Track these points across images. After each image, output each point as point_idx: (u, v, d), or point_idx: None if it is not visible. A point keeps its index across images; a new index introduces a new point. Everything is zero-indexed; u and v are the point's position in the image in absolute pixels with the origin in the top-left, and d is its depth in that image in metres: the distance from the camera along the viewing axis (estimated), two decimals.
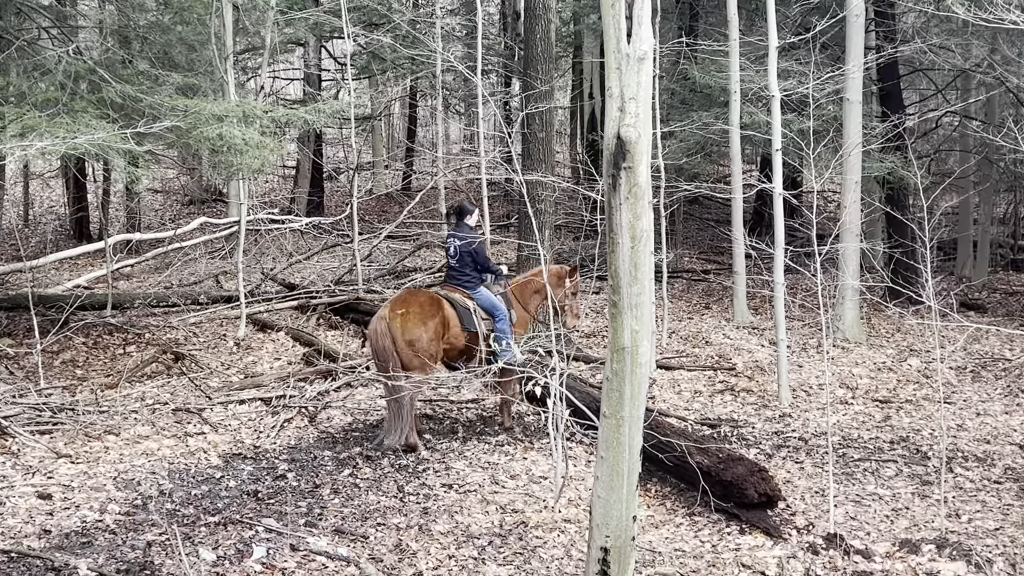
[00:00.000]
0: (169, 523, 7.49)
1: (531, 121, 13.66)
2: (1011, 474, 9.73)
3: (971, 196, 21.32)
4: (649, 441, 8.33)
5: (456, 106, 28.60)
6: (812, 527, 8.29)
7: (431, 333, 9.69)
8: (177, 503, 8.05)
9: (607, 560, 5.81)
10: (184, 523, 7.60)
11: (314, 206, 24.29)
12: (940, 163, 22.45)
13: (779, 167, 11.97)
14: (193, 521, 7.66)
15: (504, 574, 7.08)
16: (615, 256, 5.58)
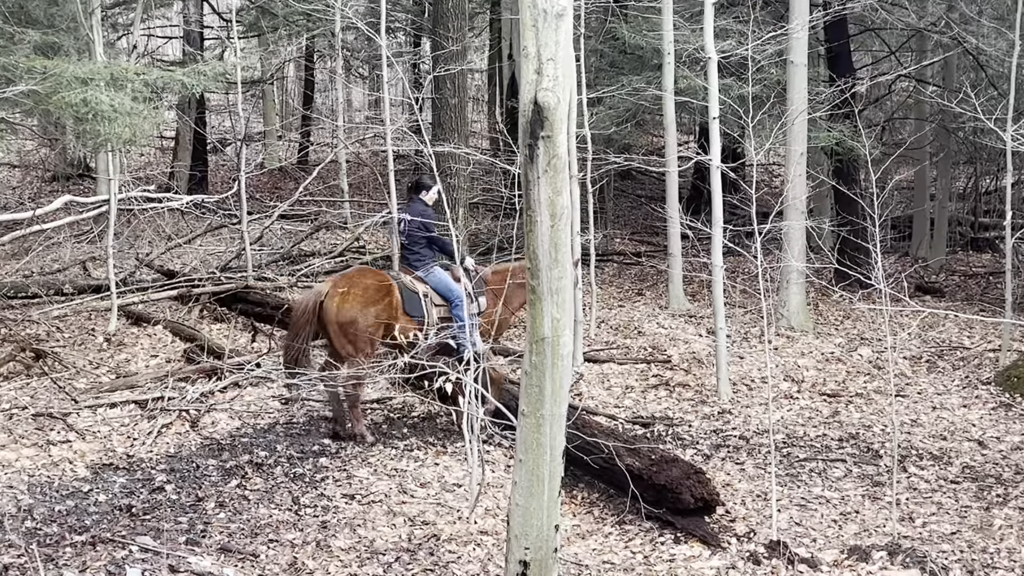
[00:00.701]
0: (28, 543, 7.35)
1: (442, 85, 13.66)
2: (969, 473, 10.02)
3: (927, 169, 21.81)
4: (574, 442, 8.41)
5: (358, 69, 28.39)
6: (753, 534, 8.45)
7: (370, 319, 9.76)
8: (38, 520, 7.91)
9: (526, 575, 5.86)
10: (46, 543, 7.47)
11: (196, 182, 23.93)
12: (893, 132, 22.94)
13: (716, 137, 12.13)
14: (57, 541, 7.54)
15: None
16: (533, 236, 5.62)
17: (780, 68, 15.50)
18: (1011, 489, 9.55)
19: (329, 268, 17.18)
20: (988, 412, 11.82)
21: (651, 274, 19.19)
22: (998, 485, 9.70)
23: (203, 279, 15.15)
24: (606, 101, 16.83)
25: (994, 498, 9.41)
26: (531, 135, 5.47)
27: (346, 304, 9.80)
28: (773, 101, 14.52)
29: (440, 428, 10.48)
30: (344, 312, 9.78)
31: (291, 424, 10.46)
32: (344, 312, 9.78)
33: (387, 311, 9.89)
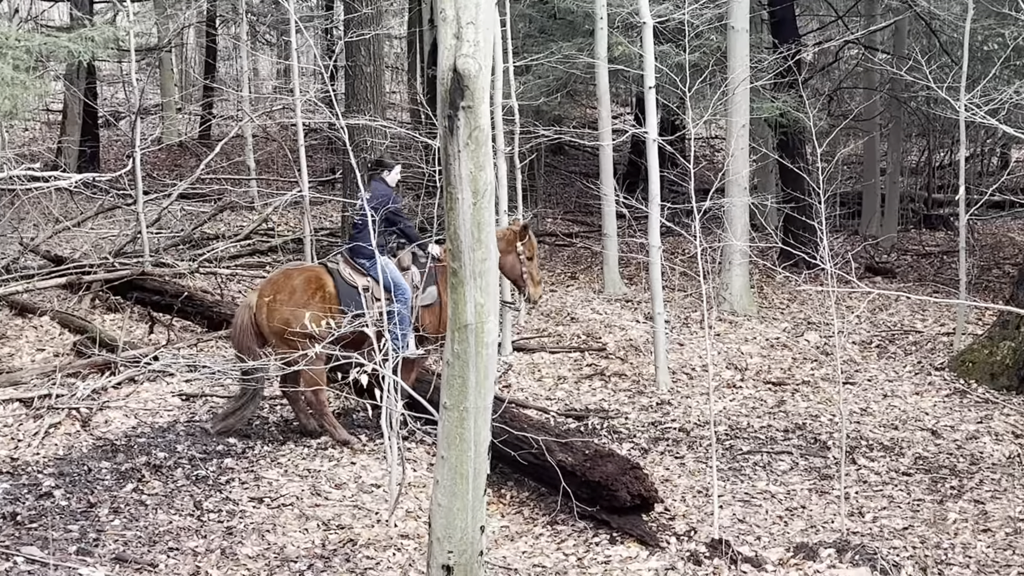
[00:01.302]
0: None
1: (355, 52, 13.59)
2: (922, 464, 10.21)
3: (877, 142, 22.13)
4: (502, 437, 8.44)
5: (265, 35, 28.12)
6: (694, 533, 8.54)
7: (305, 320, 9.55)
8: None
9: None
10: None
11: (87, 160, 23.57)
12: (841, 103, 23.23)
13: (653, 108, 12.20)
14: None
15: None
16: (454, 215, 5.62)
17: (720, 34, 15.63)
18: (966, 481, 9.74)
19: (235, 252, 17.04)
20: (942, 399, 12.04)
21: (585, 256, 19.28)
22: (952, 477, 9.89)
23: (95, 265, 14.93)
24: (535, 70, 16.85)
25: (948, 491, 9.60)
26: (451, 105, 5.46)
27: (275, 311, 9.82)
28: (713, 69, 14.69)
29: (357, 424, 10.45)
30: (276, 319, 9.80)
31: (193, 422, 10.36)
32: (276, 319, 9.80)
33: (321, 306, 9.84)
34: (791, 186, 17.36)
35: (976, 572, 7.88)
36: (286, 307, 9.80)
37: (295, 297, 9.88)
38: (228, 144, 21.39)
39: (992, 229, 22.96)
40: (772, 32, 18.77)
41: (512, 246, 10.60)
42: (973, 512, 9.08)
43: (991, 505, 9.22)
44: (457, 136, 5.47)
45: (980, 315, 15.19)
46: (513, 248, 10.59)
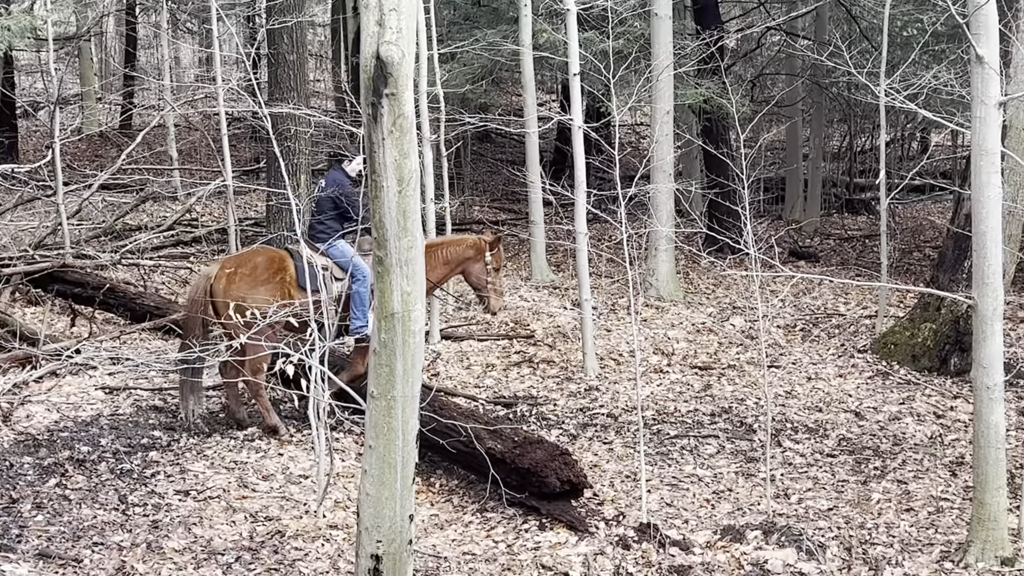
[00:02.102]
0: None
1: (278, 40, 13.47)
2: (846, 446, 10.36)
3: (800, 127, 22.36)
4: (430, 425, 8.43)
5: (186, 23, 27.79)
6: (623, 517, 8.59)
7: (265, 296, 9.69)
8: None
9: (379, 570, 5.87)
10: None
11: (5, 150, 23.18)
12: (764, 89, 23.45)
13: (578, 95, 12.23)
14: None
15: None
16: (379, 203, 5.59)
17: (644, 21, 15.70)
18: (889, 461, 9.90)
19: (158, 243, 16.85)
20: (865, 381, 12.22)
21: (512, 244, 19.30)
22: (876, 457, 10.05)
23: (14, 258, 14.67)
24: (460, 57, 16.82)
25: (871, 471, 9.75)
26: (374, 92, 5.43)
27: (233, 285, 9.76)
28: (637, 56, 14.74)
29: (284, 415, 10.38)
30: (232, 292, 9.72)
31: (116, 416, 10.23)
32: (232, 292, 9.72)
33: (280, 288, 9.87)
34: (715, 172, 17.48)
35: (899, 551, 8.00)
36: (245, 282, 9.79)
37: (256, 273, 9.88)
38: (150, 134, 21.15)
39: (913, 213, 23.32)
40: (695, 19, 18.89)
41: (481, 255, 10.64)
42: (896, 492, 9.23)
43: (913, 485, 9.37)
44: (381, 124, 5.44)
45: (902, 298, 15.43)
46: (482, 257, 10.63)
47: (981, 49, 7.21)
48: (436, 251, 10.54)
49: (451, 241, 10.90)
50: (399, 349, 5.72)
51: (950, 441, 10.45)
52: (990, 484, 7.66)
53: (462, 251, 10.59)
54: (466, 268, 10.64)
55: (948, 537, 8.24)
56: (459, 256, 10.55)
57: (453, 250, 10.59)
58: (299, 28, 13.69)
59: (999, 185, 7.47)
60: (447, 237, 11.24)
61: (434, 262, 10.43)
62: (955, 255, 12.41)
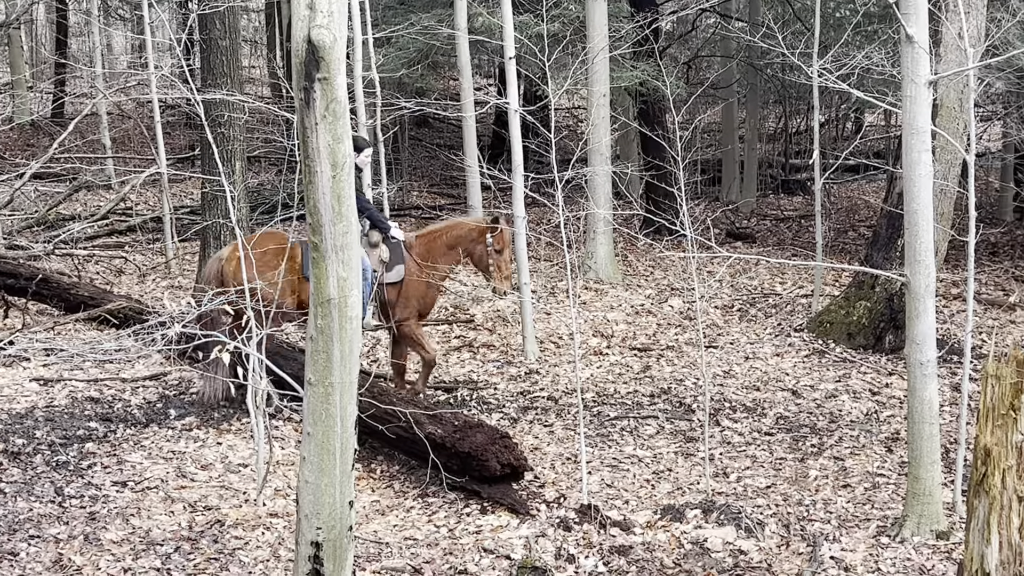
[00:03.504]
0: None
1: (210, 25, 13.29)
2: (783, 424, 10.46)
3: (735, 109, 22.50)
4: (370, 411, 8.40)
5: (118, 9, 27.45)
6: (564, 499, 8.62)
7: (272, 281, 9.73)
8: None
9: (319, 557, 5.83)
10: None
11: None
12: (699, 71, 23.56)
13: (514, 79, 12.22)
14: None
15: None
16: (313, 188, 5.54)
17: (579, 3, 15.72)
18: (826, 438, 10.00)
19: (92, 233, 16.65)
20: (801, 360, 12.34)
21: None
22: (813, 435, 10.15)
23: None
24: (395, 41, 16.74)
25: (809, 448, 9.85)
26: (306, 77, 5.38)
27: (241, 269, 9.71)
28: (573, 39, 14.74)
29: (222, 404, 10.30)
30: (240, 276, 9.63)
31: (52, 407, 10.10)
32: (240, 276, 9.63)
33: (288, 275, 9.93)
34: (652, 154, 17.56)
35: (837, 527, 8.09)
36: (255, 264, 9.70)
37: (265, 258, 9.92)
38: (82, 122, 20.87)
39: (848, 192, 23.55)
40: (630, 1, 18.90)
41: (483, 236, 10.62)
42: (833, 469, 9.33)
43: (850, 461, 9.48)
44: (314, 108, 5.40)
45: (837, 276, 15.59)
46: (483, 239, 10.60)
47: (911, 28, 7.28)
48: (439, 237, 10.65)
49: (452, 226, 10.93)
50: (336, 335, 5.68)
51: (886, 417, 10.58)
52: (924, 459, 7.76)
53: (464, 234, 10.64)
54: (469, 251, 10.67)
55: (884, 512, 8.35)
56: (461, 239, 10.58)
57: (454, 234, 10.64)
58: (232, 13, 13.53)
59: (930, 163, 7.56)
60: (448, 222, 11.29)
61: (440, 249, 10.56)
62: (888, 233, 12.55)
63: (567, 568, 7.42)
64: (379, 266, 10.33)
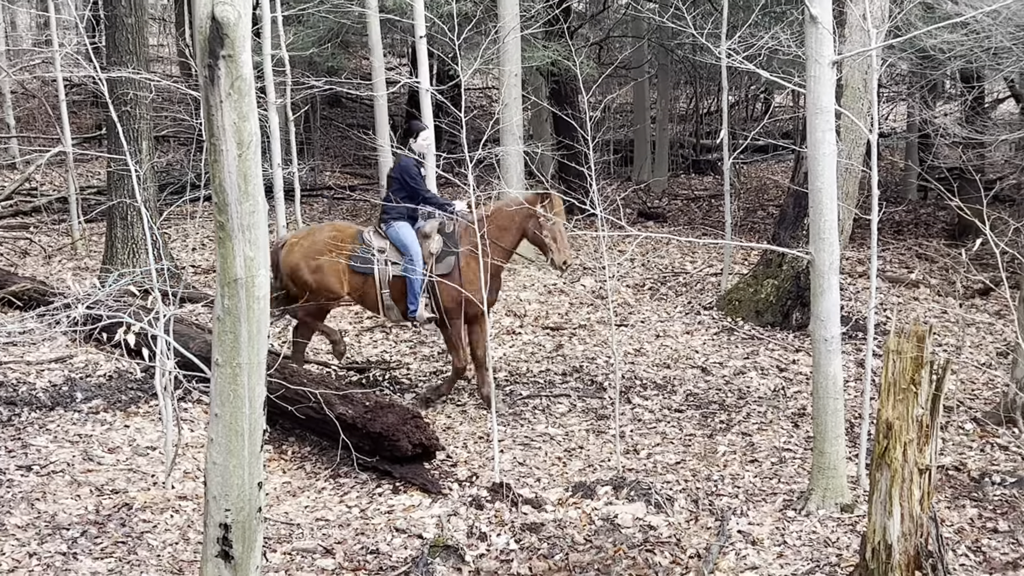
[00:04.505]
0: None
1: (116, 3, 13.07)
2: (693, 400, 10.58)
3: (647, 89, 22.61)
4: (279, 392, 8.34)
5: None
6: (476, 478, 8.64)
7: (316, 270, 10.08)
8: None
9: (228, 539, 5.78)
10: None
11: None
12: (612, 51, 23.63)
13: (425, 58, 12.19)
14: None
15: (102, 569, 6.90)
16: (219, 167, 5.47)
17: None
18: (734, 415, 10.14)
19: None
20: (711, 337, 12.47)
21: (364, 209, 19.19)
22: (721, 411, 10.28)
23: None
24: (306, 20, 16.57)
25: (717, 425, 9.98)
26: (211, 55, 5.31)
27: (291, 254, 10.25)
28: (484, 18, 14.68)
29: (130, 386, 10.16)
30: (288, 261, 10.25)
31: None
32: (288, 261, 10.25)
33: (337, 264, 10.11)
34: (564, 134, 17.60)
35: (744, 501, 8.20)
36: (300, 252, 10.23)
37: (315, 247, 10.18)
38: None
39: (757, 172, 23.82)
40: None
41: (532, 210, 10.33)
42: (741, 444, 9.46)
43: (757, 437, 9.62)
44: (218, 86, 5.32)
45: (746, 255, 15.78)
46: (533, 212, 10.27)
47: (815, 9, 7.37)
48: (490, 221, 10.26)
49: (502, 205, 10.62)
50: (243, 315, 5.62)
51: (792, 393, 10.75)
52: (829, 434, 7.89)
53: (514, 212, 10.36)
54: (523, 228, 10.35)
55: (790, 486, 8.49)
56: (513, 217, 10.30)
57: (505, 214, 10.34)
58: None
59: (834, 143, 7.67)
60: (496, 204, 10.87)
61: (493, 233, 10.19)
62: (795, 212, 12.72)
63: (479, 546, 7.44)
64: (428, 258, 10.14)
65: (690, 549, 7.46)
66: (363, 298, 10.35)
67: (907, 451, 6.21)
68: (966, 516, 7.91)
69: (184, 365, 8.40)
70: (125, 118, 12.47)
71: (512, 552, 7.40)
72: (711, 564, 7.16)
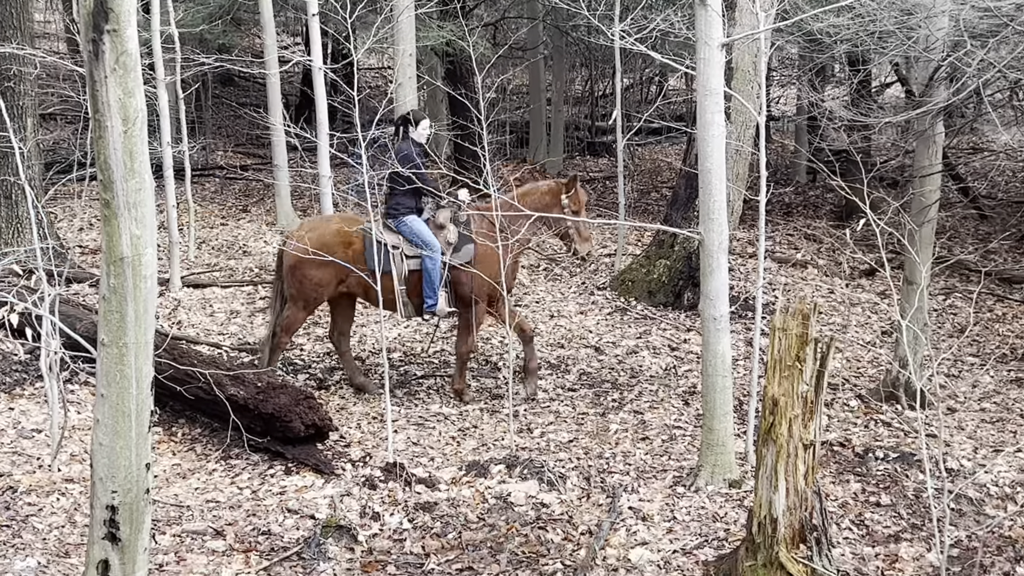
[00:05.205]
0: None
1: None
2: (586, 380, 10.67)
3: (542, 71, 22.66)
4: (168, 373, 8.24)
5: None
6: (370, 458, 8.64)
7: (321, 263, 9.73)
8: None
9: (115, 521, 5.71)
10: None
11: None
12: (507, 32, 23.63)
13: (317, 36, 12.09)
14: None
15: None
16: (104, 143, 5.39)
17: None
18: (626, 393, 10.25)
19: None
20: (604, 317, 12.58)
21: (257, 189, 18.98)
22: (614, 390, 10.40)
23: None
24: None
25: (610, 403, 10.09)
26: (95, 29, 5.22)
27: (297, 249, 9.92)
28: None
29: (14, 368, 9.96)
30: (290, 255, 9.99)
31: None
32: (290, 255, 9.99)
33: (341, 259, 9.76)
34: (459, 114, 17.58)
35: (635, 478, 8.32)
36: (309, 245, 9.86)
37: (322, 241, 9.90)
38: None
39: (651, 155, 24.00)
40: None
41: (557, 199, 10.16)
42: (633, 422, 9.58)
43: (649, 415, 9.75)
44: (103, 61, 5.24)
45: (639, 236, 15.93)
46: (558, 201, 10.12)
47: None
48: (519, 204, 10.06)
49: (524, 193, 10.27)
50: (129, 295, 5.54)
51: (683, 372, 10.90)
52: (718, 411, 8.03)
53: (538, 199, 10.13)
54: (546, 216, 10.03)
55: (680, 463, 8.62)
56: (538, 204, 9.99)
57: (531, 199, 10.07)
58: None
59: (723, 124, 7.78)
60: (520, 189, 10.47)
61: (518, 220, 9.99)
62: (687, 194, 12.88)
63: (372, 526, 7.45)
64: (446, 248, 9.96)
65: (582, 526, 7.55)
66: (369, 294, 9.93)
67: (792, 427, 6.34)
68: (850, 491, 8.11)
69: (71, 346, 8.26)
70: (9, 94, 12.19)
71: (405, 531, 7.42)
72: (602, 540, 7.25)
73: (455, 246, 10.00)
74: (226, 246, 15.14)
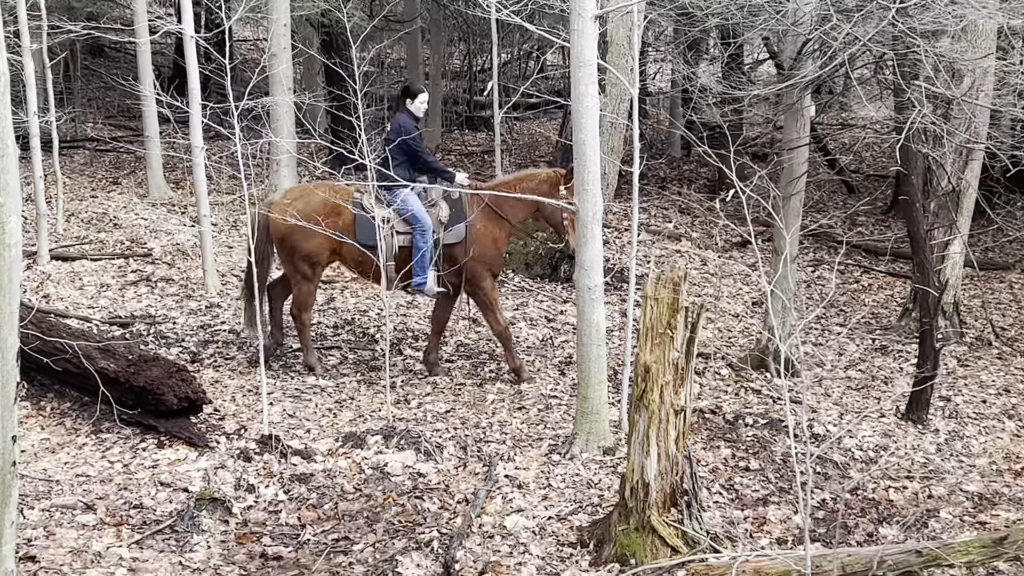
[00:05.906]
0: None
1: None
2: (463, 351, 10.73)
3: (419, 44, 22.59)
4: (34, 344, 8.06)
5: None
6: (245, 431, 8.58)
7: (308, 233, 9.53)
8: None
9: None
10: None
11: None
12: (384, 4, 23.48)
13: (189, 4, 11.88)
14: None
15: None
16: None
17: None
18: (503, 364, 10.32)
19: None
20: None
21: (128, 161, 18.63)
22: (491, 361, 10.47)
23: None
24: None
25: (487, 374, 10.16)
26: None
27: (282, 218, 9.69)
28: None
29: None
30: (278, 226, 9.71)
31: None
32: (278, 226, 9.71)
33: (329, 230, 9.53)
34: (335, 86, 17.45)
35: (511, 447, 8.40)
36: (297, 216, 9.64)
37: (308, 211, 9.69)
38: None
39: (530, 129, 24.10)
40: None
41: (556, 188, 9.89)
42: (509, 392, 9.67)
43: (525, 385, 9.83)
44: None
45: None
46: (556, 192, 9.85)
47: None
48: (511, 189, 9.97)
49: (522, 177, 10.17)
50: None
51: (560, 343, 11.02)
52: (592, 379, 8.14)
53: (535, 186, 9.91)
54: (541, 205, 9.86)
55: (556, 432, 8.72)
56: (535, 191, 9.81)
57: (525, 187, 9.91)
58: None
59: (596, 95, 7.87)
60: (518, 174, 10.45)
61: (509, 202, 9.91)
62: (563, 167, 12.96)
63: (247, 498, 7.41)
64: (438, 226, 9.77)
65: (458, 495, 7.60)
66: (360, 267, 9.92)
67: (664, 393, 6.46)
68: (720, 456, 8.30)
69: None
70: None
71: (281, 503, 7.40)
72: (478, 508, 7.31)
73: (446, 224, 9.89)
74: (96, 218, 14.84)
